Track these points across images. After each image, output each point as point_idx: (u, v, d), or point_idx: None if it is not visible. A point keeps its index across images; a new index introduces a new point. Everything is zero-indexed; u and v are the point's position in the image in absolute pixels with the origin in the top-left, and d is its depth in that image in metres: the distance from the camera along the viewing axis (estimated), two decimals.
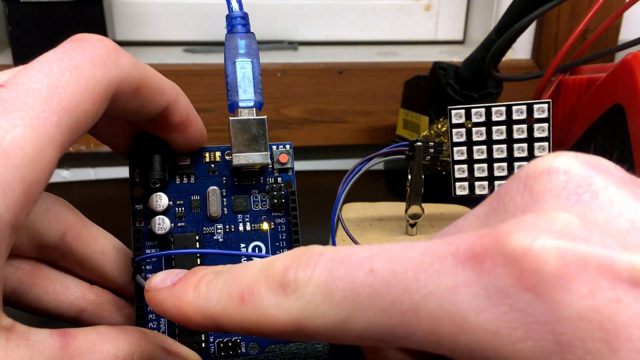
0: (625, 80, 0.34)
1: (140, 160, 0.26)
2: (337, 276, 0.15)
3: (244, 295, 0.16)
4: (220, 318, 0.17)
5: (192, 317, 0.17)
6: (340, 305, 0.14)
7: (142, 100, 0.21)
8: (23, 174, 0.16)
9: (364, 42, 0.67)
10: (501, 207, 0.15)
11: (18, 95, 0.17)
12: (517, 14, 0.39)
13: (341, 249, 0.15)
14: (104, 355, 0.19)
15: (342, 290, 0.14)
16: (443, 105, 0.35)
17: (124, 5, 0.61)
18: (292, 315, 0.15)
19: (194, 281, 0.18)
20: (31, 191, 0.17)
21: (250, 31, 0.26)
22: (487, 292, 0.12)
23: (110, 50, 0.20)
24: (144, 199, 0.26)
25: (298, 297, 0.15)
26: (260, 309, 0.16)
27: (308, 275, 0.15)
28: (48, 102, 0.17)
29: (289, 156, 0.27)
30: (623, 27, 0.61)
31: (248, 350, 0.26)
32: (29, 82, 0.18)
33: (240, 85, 0.25)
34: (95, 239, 0.25)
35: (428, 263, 0.13)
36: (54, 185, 0.54)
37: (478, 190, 0.30)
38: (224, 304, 0.17)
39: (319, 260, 0.15)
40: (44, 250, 0.24)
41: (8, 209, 0.16)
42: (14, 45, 0.54)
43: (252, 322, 0.16)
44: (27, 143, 0.17)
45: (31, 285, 0.24)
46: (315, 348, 0.31)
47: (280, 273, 0.16)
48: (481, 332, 0.12)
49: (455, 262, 0.13)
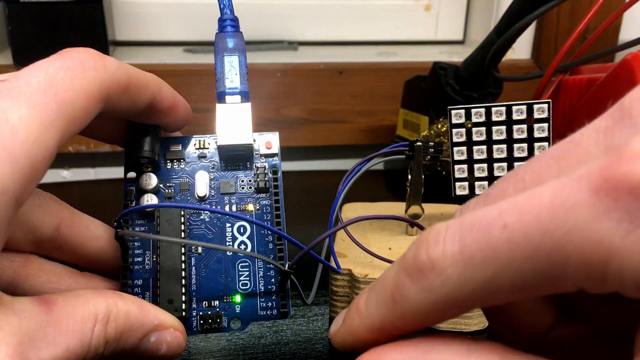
0: (625, 80, 0.34)
1: (133, 146, 0.27)
2: (471, 241, 0.15)
3: (395, 296, 0.16)
4: (385, 326, 0.17)
5: (367, 337, 0.18)
6: (482, 266, 0.14)
7: (131, 96, 0.23)
8: (29, 148, 0.18)
9: (364, 42, 0.67)
10: (628, 121, 0.14)
11: (20, 85, 0.19)
12: (517, 14, 0.39)
13: (466, 216, 0.15)
14: (85, 315, 0.20)
15: (480, 252, 0.14)
16: (443, 105, 0.35)
17: (124, 5, 0.61)
18: (439, 292, 0.15)
19: (355, 307, 0.18)
20: (35, 167, 0.18)
21: (239, 31, 0.28)
22: (630, 216, 0.12)
23: (96, 56, 0.22)
24: (136, 181, 0.28)
25: (438, 274, 0.15)
26: (411, 300, 0.16)
27: (440, 251, 0.15)
28: (47, 93, 0.19)
29: (273, 142, 0.29)
30: (623, 27, 0.62)
31: (230, 325, 0.26)
32: (28, 77, 0.19)
33: (228, 76, 0.27)
34: (88, 227, 0.27)
35: (561, 202, 0.13)
36: (54, 185, 0.54)
37: (478, 190, 0.30)
38: (383, 312, 0.17)
39: (446, 234, 0.15)
40: (40, 244, 0.26)
41: (14, 180, 0.17)
42: (14, 45, 0.54)
43: (410, 316, 0.16)
44: (32, 121, 0.18)
45: (26, 276, 0.25)
46: (315, 348, 0.31)
47: (413, 260, 0.16)
48: (629, 254, 0.12)
49: (589, 194, 0.13)
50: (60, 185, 0.55)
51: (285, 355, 0.30)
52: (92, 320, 0.20)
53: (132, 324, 0.22)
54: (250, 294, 0.27)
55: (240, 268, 0.27)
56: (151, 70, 0.25)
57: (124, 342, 0.22)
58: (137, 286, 0.26)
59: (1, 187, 0.17)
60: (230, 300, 0.27)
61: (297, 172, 0.60)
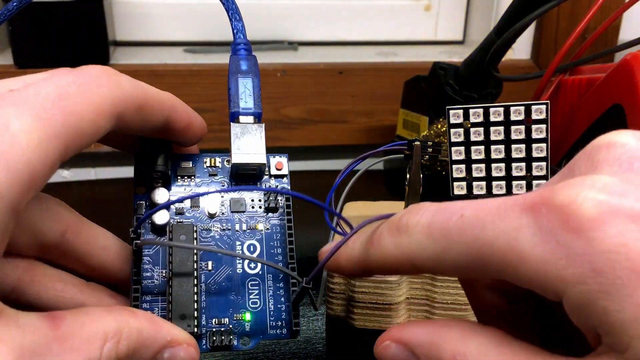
0: (624, 80, 0.34)
1: (145, 161, 0.27)
2: (438, 220, 0.19)
3: (374, 240, 0.21)
4: (357, 259, 0.22)
5: (344, 265, 0.23)
6: (437, 241, 0.18)
7: (145, 116, 0.23)
8: (29, 157, 0.18)
9: (364, 42, 0.67)
10: (569, 173, 0.18)
11: (28, 95, 0.19)
12: (517, 14, 0.39)
13: (443, 203, 0.19)
14: (93, 334, 0.20)
15: (439, 230, 0.18)
16: (443, 105, 0.35)
17: (124, 5, 0.61)
18: (404, 250, 0.19)
19: (350, 241, 0.23)
20: (34, 176, 0.18)
21: (252, 54, 0.29)
22: (541, 232, 0.16)
23: (111, 73, 0.21)
24: (146, 196, 0.27)
25: (409, 236, 0.19)
26: (382, 247, 0.20)
27: (416, 220, 0.19)
28: (55, 104, 0.19)
29: (284, 164, 0.29)
30: (623, 27, 0.62)
31: (240, 343, 0.26)
32: (38, 88, 0.19)
33: (242, 97, 0.27)
34: (95, 236, 0.26)
35: (502, 210, 0.17)
36: (54, 185, 0.54)
37: (476, 190, 0.30)
38: (361, 249, 0.21)
39: (426, 209, 0.19)
40: (45, 250, 0.25)
41: (11, 186, 0.17)
42: (14, 45, 0.54)
43: (378, 258, 0.21)
44: (34, 130, 0.18)
45: (30, 282, 0.25)
46: (315, 348, 0.31)
47: (397, 220, 0.20)
48: (535, 262, 0.16)
49: (519, 209, 0.17)
50: (61, 185, 0.55)
51: (285, 355, 0.30)
52: (102, 339, 0.20)
53: (145, 341, 0.22)
54: (260, 312, 0.27)
55: (250, 286, 0.27)
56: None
57: (138, 359, 0.21)
58: (146, 301, 0.26)
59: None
60: (240, 319, 0.26)
61: (297, 172, 0.60)
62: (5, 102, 0.18)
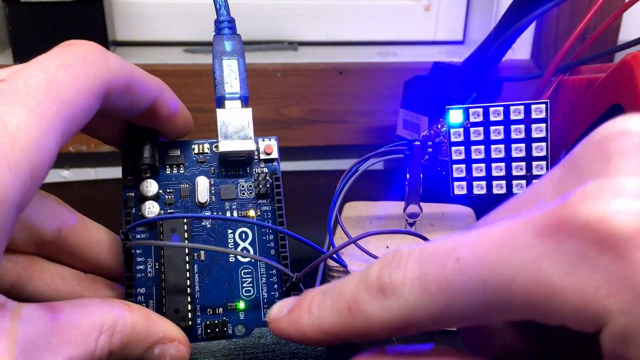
0: (624, 80, 0.34)
1: (132, 152, 0.27)
2: (428, 270, 0.16)
3: (351, 307, 0.17)
4: (335, 331, 0.18)
5: (312, 336, 0.19)
6: (437, 295, 0.15)
7: (132, 97, 0.23)
8: (29, 155, 0.18)
9: (364, 42, 0.67)
10: (576, 170, 0.15)
11: (19, 87, 0.18)
12: (517, 14, 0.39)
13: (426, 245, 0.16)
14: (90, 325, 0.20)
15: (435, 282, 0.15)
16: (443, 105, 0.35)
17: (124, 5, 0.61)
18: (396, 314, 0.16)
19: (306, 305, 0.19)
20: (36, 173, 0.18)
21: (237, 33, 0.28)
22: (569, 258, 0.13)
23: (99, 52, 0.21)
24: (135, 187, 0.27)
25: (397, 297, 0.16)
26: (367, 315, 0.17)
27: (401, 275, 0.16)
28: (47, 94, 0.19)
29: (273, 147, 0.28)
30: (623, 27, 0.61)
31: (235, 332, 0.26)
32: (27, 77, 0.19)
33: (227, 81, 0.27)
34: (90, 231, 0.27)
35: (509, 242, 0.14)
36: (54, 185, 0.54)
37: (476, 190, 0.30)
38: (336, 318, 0.18)
39: (408, 259, 0.16)
40: (42, 246, 0.25)
41: (15, 187, 0.17)
42: (14, 45, 0.54)
43: (364, 328, 0.17)
44: (31, 127, 0.18)
45: (30, 278, 0.25)
46: (315, 348, 0.31)
47: (376, 279, 0.17)
48: (569, 294, 0.13)
49: (534, 236, 0.14)
50: (61, 185, 0.55)
51: (285, 355, 0.30)
52: (97, 331, 0.20)
53: (138, 335, 0.22)
54: (254, 300, 0.27)
55: (243, 275, 0.27)
56: (151, 71, 0.25)
57: (128, 352, 0.22)
58: (140, 294, 0.26)
59: (1, 195, 0.17)
60: (234, 307, 0.27)
61: (297, 172, 0.60)
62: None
